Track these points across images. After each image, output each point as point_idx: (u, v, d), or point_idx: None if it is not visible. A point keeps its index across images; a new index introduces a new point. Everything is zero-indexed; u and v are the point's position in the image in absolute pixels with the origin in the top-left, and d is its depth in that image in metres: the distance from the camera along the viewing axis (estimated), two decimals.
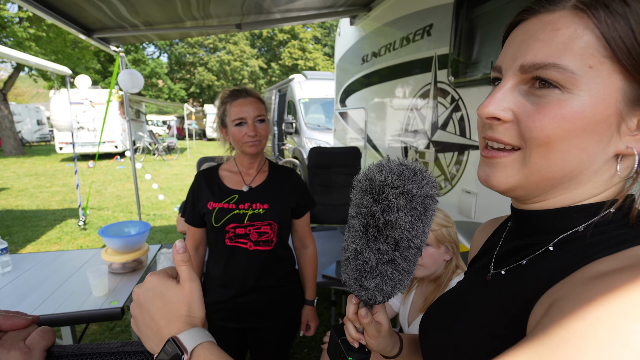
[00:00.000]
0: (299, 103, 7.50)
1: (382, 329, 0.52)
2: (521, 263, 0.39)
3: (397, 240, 0.43)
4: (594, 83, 0.32)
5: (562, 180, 0.36)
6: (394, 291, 0.47)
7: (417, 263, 0.47)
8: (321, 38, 29.72)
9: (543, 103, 0.34)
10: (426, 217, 0.43)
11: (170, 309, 0.39)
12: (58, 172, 9.29)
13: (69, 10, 2.11)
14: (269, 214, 1.24)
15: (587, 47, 0.32)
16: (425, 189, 0.41)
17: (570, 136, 0.33)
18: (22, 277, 1.75)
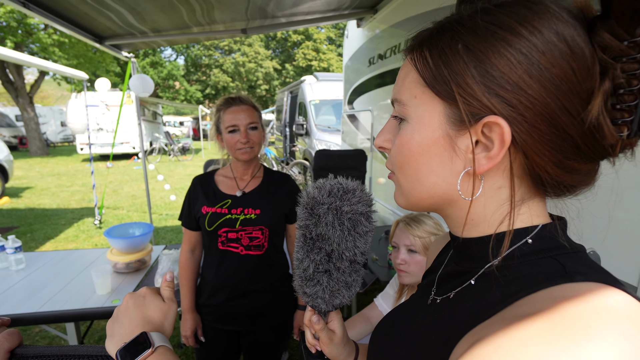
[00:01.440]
0: (310, 104, 7.54)
1: (335, 337, 0.55)
2: (449, 296, 0.40)
3: (328, 252, 0.47)
4: (419, 110, 0.36)
5: (439, 202, 0.39)
6: (334, 300, 0.50)
7: (357, 275, 0.49)
8: (335, 39, 29.73)
9: (398, 133, 0.39)
10: (357, 232, 0.45)
11: (150, 315, 0.50)
12: (78, 172, 9.62)
13: (81, 19, 2.20)
14: (261, 219, 1.27)
15: (412, 81, 0.37)
16: (355, 207, 0.44)
17: (411, 160, 0.37)
18: (34, 274, 1.84)
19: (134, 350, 0.43)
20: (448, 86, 0.33)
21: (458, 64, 0.32)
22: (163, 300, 0.52)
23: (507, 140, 0.31)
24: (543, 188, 0.35)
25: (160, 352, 0.44)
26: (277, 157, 8.73)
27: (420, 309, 0.45)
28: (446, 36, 0.34)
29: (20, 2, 1.85)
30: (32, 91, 13.17)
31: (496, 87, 0.31)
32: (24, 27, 11.59)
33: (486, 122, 0.32)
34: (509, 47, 0.30)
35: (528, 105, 0.30)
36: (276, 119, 11.42)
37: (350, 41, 4.12)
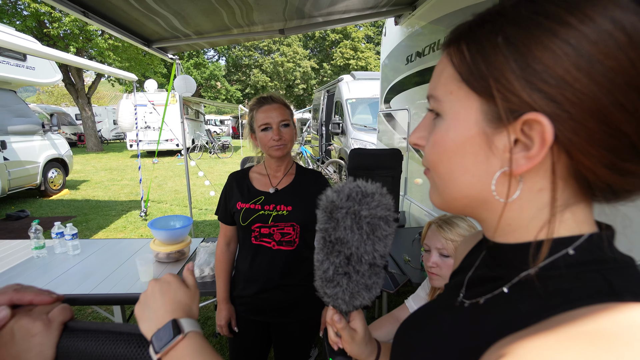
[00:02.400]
0: (346, 103, 7.52)
1: (356, 336, 0.55)
2: (478, 301, 0.39)
3: (347, 256, 0.47)
4: (455, 107, 0.35)
5: (474, 204, 0.37)
6: (354, 301, 0.50)
7: (377, 278, 0.49)
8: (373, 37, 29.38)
9: (433, 130, 0.38)
10: (376, 236, 0.45)
11: (179, 300, 0.50)
12: (128, 167, 10.32)
13: (131, 25, 2.37)
14: (292, 215, 1.29)
15: (448, 77, 0.36)
16: (374, 211, 0.44)
17: (445, 158, 0.37)
18: (88, 259, 2.00)
19: (167, 335, 0.45)
20: (485, 81, 0.32)
21: (497, 58, 0.31)
22: (187, 287, 0.53)
23: (548, 139, 0.29)
24: (591, 192, 0.32)
25: (191, 337, 0.46)
26: (312, 156, 8.81)
27: (447, 310, 0.44)
28: (485, 29, 0.32)
29: (81, 12, 2.02)
30: (90, 92, 14.31)
31: (538, 82, 0.29)
32: (85, 34, 12.61)
33: (526, 119, 0.30)
34: (554, 38, 0.28)
35: (575, 100, 0.28)
36: (313, 118, 11.51)
37: (388, 39, 4.06)
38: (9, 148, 5.49)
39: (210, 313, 2.71)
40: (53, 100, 33.51)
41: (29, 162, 5.96)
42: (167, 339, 0.44)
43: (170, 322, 0.46)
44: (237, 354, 1.44)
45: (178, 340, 0.44)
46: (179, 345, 0.44)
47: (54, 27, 11.88)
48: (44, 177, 6.42)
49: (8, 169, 5.46)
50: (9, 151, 5.51)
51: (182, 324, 0.46)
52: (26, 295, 0.50)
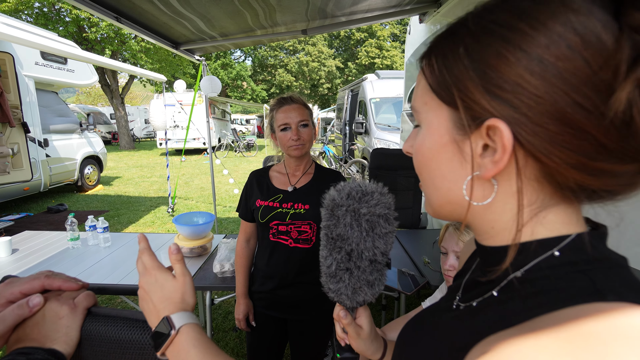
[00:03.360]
0: (370, 103, 7.47)
1: (362, 332, 0.56)
2: (472, 304, 0.39)
3: (348, 252, 0.49)
4: (429, 117, 0.37)
5: (457, 210, 0.38)
6: (357, 297, 0.51)
7: (380, 275, 0.51)
8: (399, 35, 28.94)
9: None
10: (376, 233, 0.47)
11: (167, 297, 0.50)
12: (157, 165, 10.72)
13: (160, 28, 2.47)
14: (309, 214, 1.31)
15: (422, 89, 0.38)
16: (372, 209, 0.46)
17: (425, 166, 0.38)
18: (117, 251, 2.11)
19: (161, 334, 0.46)
20: (450, 91, 0.33)
21: (459, 68, 0.32)
22: (174, 276, 0.52)
23: (507, 144, 0.30)
24: (572, 193, 0.32)
25: (183, 331, 0.47)
26: (335, 156, 8.81)
27: (445, 313, 0.44)
28: (450, 40, 0.34)
29: (114, 17, 2.13)
30: (124, 92, 14.99)
31: (495, 89, 0.30)
32: (119, 37, 13.22)
33: (488, 125, 0.31)
34: (507, 45, 0.29)
35: (531, 104, 0.28)
36: (336, 118, 11.51)
37: (413, 37, 4.00)
38: (50, 146, 5.86)
39: (231, 308, 2.78)
40: (90, 100, 35.34)
41: (67, 159, 6.33)
42: (162, 338, 0.46)
43: (161, 322, 0.48)
44: (254, 349, 1.47)
45: (171, 338, 0.46)
46: (175, 341, 0.46)
47: (92, 32, 12.55)
48: (81, 173, 6.80)
49: (49, 165, 5.83)
50: (50, 148, 5.87)
51: (173, 320, 0.47)
52: (56, 281, 0.54)
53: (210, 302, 1.84)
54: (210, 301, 1.84)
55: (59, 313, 0.51)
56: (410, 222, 3.09)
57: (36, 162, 5.45)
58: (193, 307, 0.51)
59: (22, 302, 0.49)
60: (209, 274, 1.80)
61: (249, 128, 25.37)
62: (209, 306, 1.84)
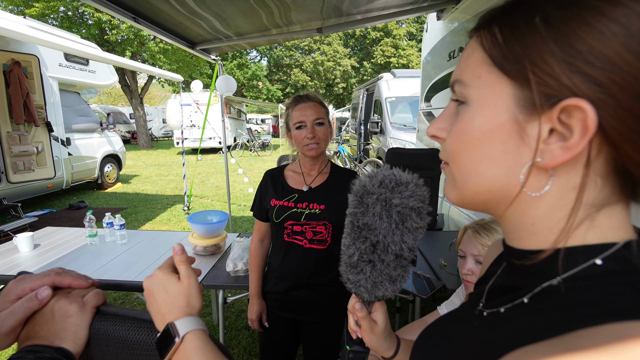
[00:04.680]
0: (386, 102, 7.39)
1: (376, 328, 0.54)
2: (499, 310, 0.36)
3: (373, 243, 0.46)
4: (483, 92, 0.33)
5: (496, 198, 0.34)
6: (376, 291, 0.49)
7: (403, 271, 0.48)
8: (416, 33, 28.59)
9: (456, 119, 0.36)
10: (406, 227, 0.44)
11: (172, 301, 0.48)
12: (174, 164, 10.91)
13: (176, 28, 2.49)
14: (325, 214, 1.29)
15: (476, 60, 0.34)
16: (406, 201, 0.43)
17: (469, 148, 0.34)
18: (133, 248, 2.14)
19: (165, 342, 0.45)
20: (520, 64, 0.29)
21: (534, 39, 0.28)
22: (179, 279, 0.50)
23: (590, 127, 0.26)
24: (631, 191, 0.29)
25: (189, 338, 0.45)
26: (350, 155, 8.77)
27: (467, 320, 0.42)
28: (521, 10, 0.30)
29: (132, 18, 2.16)
30: (142, 93, 15.33)
31: (582, 64, 0.26)
32: (139, 39, 13.54)
33: (565, 105, 0.27)
34: (601, 17, 0.25)
35: (623, 85, 0.25)
36: (351, 117, 11.46)
37: (430, 35, 3.93)
38: (72, 144, 6.04)
39: (244, 306, 2.79)
40: (111, 100, 36.33)
41: (88, 157, 6.52)
42: (166, 346, 0.45)
43: (165, 328, 0.46)
44: (266, 349, 1.46)
45: (176, 345, 0.44)
46: (179, 349, 0.44)
47: (112, 34, 12.89)
48: (101, 172, 6.98)
49: (71, 163, 6.01)
50: (73, 147, 6.05)
51: (178, 327, 0.45)
52: (66, 278, 0.54)
53: (223, 300, 1.84)
54: (223, 300, 1.84)
55: (68, 311, 0.50)
56: None
57: (59, 160, 5.63)
58: (199, 311, 0.49)
59: (31, 295, 0.49)
60: (222, 273, 1.80)
61: (264, 127, 25.55)
62: (221, 305, 1.84)
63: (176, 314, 0.47)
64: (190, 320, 0.47)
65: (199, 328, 0.46)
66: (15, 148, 4.72)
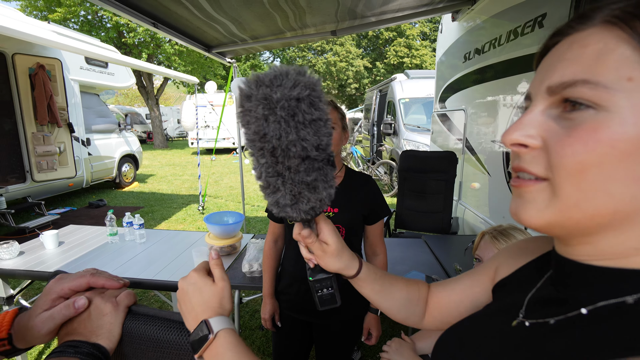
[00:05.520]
0: (399, 103, 7.35)
1: (329, 248, 0.53)
2: (548, 321, 0.34)
3: (271, 152, 0.41)
4: (636, 97, 0.28)
5: (612, 222, 0.31)
6: (300, 205, 0.45)
7: (320, 174, 0.44)
8: (430, 33, 28.31)
9: (575, 126, 0.30)
10: (298, 122, 0.39)
11: (206, 301, 0.50)
12: (189, 164, 11.09)
13: (193, 32, 2.55)
14: (338, 217, 1.30)
15: (622, 60, 0.28)
16: (288, 92, 0.38)
17: (610, 162, 0.29)
18: (151, 247, 2.20)
19: (199, 338, 0.47)
20: None
21: None
22: (213, 281, 0.52)
23: None
24: None
25: (221, 335, 0.47)
26: (363, 156, 8.75)
27: (500, 330, 0.40)
28: None
29: (151, 23, 2.23)
30: (158, 94, 15.63)
31: None
32: (155, 41, 13.83)
33: None
34: None
35: None
36: (364, 118, 11.42)
37: (445, 36, 3.90)
38: (92, 145, 6.23)
39: (258, 306, 2.82)
40: (128, 101, 37.14)
41: (107, 157, 6.71)
42: (201, 342, 0.47)
43: (200, 325, 0.48)
44: (279, 350, 1.49)
45: (209, 341, 0.46)
46: (212, 345, 0.47)
47: (130, 37, 13.20)
48: (119, 171, 7.17)
49: (91, 162, 6.21)
50: (92, 147, 6.24)
51: (212, 324, 0.48)
52: (100, 279, 0.57)
53: (239, 300, 1.88)
54: (239, 300, 1.87)
55: (103, 310, 0.53)
56: (440, 227, 3.01)
57: (79, 160, 5.80)
58: (229, 312, 0.52)
59: (69, 302, 0.53)
60: (238, 273, 1.83)
61: None
62: (237, 305, 1.87)
63: (209, 313, 0.49)
64: (223, 319, 0.49)
65: (230, 327, 0.49)
66: (40, 148, 4.89)
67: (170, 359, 0.52)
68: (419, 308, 0.62)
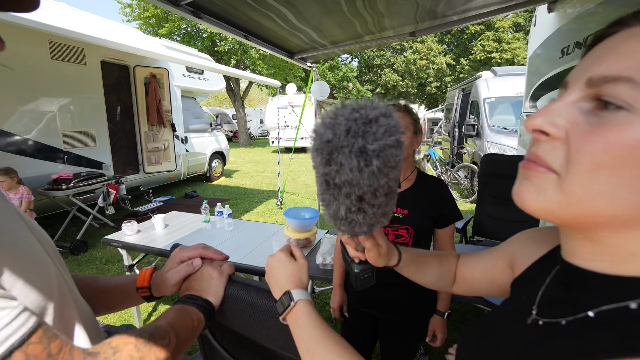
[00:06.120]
0: (484, 103, 6.87)
1: (382, 249, 0.59)
2: (560, 322, 0.35)
3: (359, 196, 0.41)
4: None
5: (610, 224, 0.31)
6: (373, 228, 0.47)
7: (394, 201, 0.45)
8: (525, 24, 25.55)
9: (602, 124, 0.29)
10: (389, 167, 0.39)
11: (289, 275, 0.61)
12: (269, 161, 11.86)
13: (278, 41, 2.79)
14: (407, 219, 1.33)
15: None
16: (382, 142, 0.37)
17: (624, 167, 0.28)
18: (237, 235, 2.47)
19: (283, 304, 0.58)
20: None
21: None
22: (295, 260, 0.63)
23: None
24: None
25: (301, 304, 0.57)
26: (441, 159, 8.37)
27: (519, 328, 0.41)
28: None
29: (244, 35, 2.50)
30: (244, 96, 17.03)
31: None
32: (242, 48, 15.12)
33: None
34: None
35: None
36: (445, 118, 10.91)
37: (539, 29, 3.57)
38: (188, 142, 7.14)
39: (328, 299, 2.95)
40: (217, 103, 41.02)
41: (200, 153, 7.61)
42: (284, 306, 0.58)
43: (284, 294, 0.59)
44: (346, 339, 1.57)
45: (291, 307, 0.57)
46: (293, 310, 0.57)
47: (221, 45, 14.66)
48: (209, 166, 8.07)
49: (188, 158, 7.12)
50: (189, 145, 7.15)
51: (293, 294, 0.58)
52: (209, 252, 0.73)
53: (312, 290, 2.01)
54: (312, 289, 2.01)
55: (212, 275, 0.69)
56: None
57: (179, 155, 6.70)
58: (307, 285, 0.63)
59: (189, 262, 0.70)
60: (312, 264, 1.97)
61: None
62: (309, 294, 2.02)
63: (291, 285, 0.60)
64: (302, 291, 0.60)
65: (307, 298, 0.59)
66: (150, 145, 5.81)
67: (258, 318, 0.65)
68: (449, 279, 0.70)
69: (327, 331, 0.54)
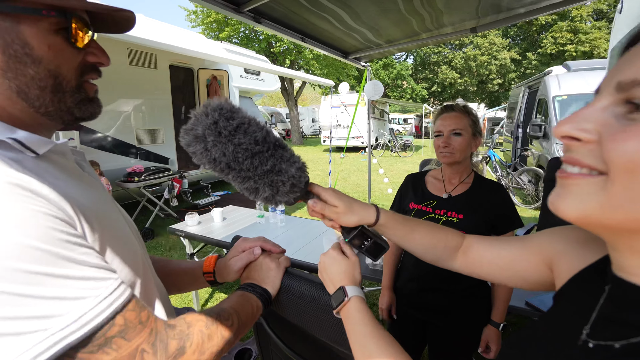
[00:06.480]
0: (554, 101, 6.29)
1: (339, 209, 0.60)
2: (613, 345, 0.33)
3: (227, 167, 0.53)
4: None
5: None
6: (282, 189, 0.56)
7: (276, 159, 0.54)
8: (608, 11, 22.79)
9: (634, 124, 0.28)
10: (225, 135, 0.51)
11: (342, 271, 0.64)
12: (320, 160, 12.01)
13: (333, 42, 2.82)
14: (462, 224, 1.29)
15: None
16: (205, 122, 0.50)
17: None
18: (289, 231, 2.57)
19: (338, 299, 0.61)
20: None
21: None
22: (347, 257, 0.66)
23: None
24: None
25: (354, 300, 0.59)
26: (502, 162, 7.83)
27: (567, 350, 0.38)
28: None
29: (300, 38, 2.58)
30: (297, 95, 17.43)
31: None
32: (297, 48, 15.52)
33: None
34: None
35: None
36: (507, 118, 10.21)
37: (626, 16, 3.19)
38: None
39: (376, 300, 2.94)
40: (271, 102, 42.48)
41: None
42: (339, 301, 0.61)
43: (339, 289, 0.62)
44: None
45: (345, 302, 0.60)
46: (347, 306, 0.60)
47: (277, 46, 15.18)
48: None
49: None
50: None
51: (348, 290, 0.60)
52: (268, 245, 0.79)
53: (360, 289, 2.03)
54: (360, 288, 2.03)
55: (270, 266, 0.74)
56: None
57: None
58: (360, 282, 0.65)
59: (250, 250, 0.76)
60: (362, 264, 1.98)
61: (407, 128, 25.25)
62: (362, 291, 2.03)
63: (345, 281, 0.63)
64: (356, 288, 0.62)
65: (360, 295, 0.62)
66: None
67: (311, 309, 0.68)
68: (446, 254, 0.68)
69: (378, 328, 0.56)
